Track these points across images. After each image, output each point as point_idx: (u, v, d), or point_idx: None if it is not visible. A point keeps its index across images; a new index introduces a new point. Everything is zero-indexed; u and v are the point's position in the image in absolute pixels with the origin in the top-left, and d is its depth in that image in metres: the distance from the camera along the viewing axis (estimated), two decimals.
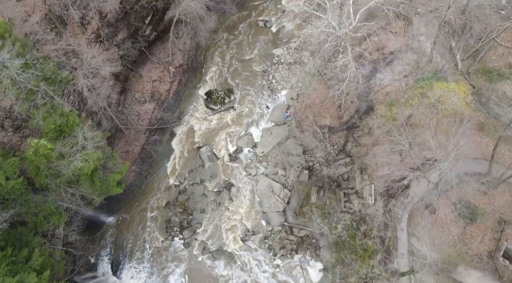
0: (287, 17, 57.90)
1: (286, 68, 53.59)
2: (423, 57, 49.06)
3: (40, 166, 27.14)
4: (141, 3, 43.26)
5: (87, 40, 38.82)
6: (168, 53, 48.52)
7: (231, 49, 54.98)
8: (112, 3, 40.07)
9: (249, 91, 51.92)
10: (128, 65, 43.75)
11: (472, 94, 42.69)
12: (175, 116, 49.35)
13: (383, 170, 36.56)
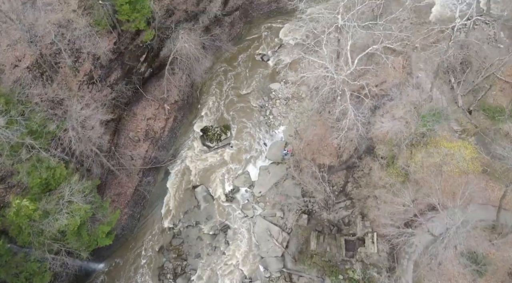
0: (284, 50, 57.58)
1: (283, 103, 52.70)
2: (422, 94, 48.32)
3: (23, 225, 25.60)
4: (135, 42, 42.59)
5: (79, 82, 37.86)
6: (163, 90, 47.63)
7: (227, 83, 54.21)
8: (106, 45, 39.35)
9: (246, 128, 50.80)
10: (122, 105, 42.68)
11: (474, 135, 41.65)
12: (170, 155, 48.03)
13: (385, 217, 35.06)
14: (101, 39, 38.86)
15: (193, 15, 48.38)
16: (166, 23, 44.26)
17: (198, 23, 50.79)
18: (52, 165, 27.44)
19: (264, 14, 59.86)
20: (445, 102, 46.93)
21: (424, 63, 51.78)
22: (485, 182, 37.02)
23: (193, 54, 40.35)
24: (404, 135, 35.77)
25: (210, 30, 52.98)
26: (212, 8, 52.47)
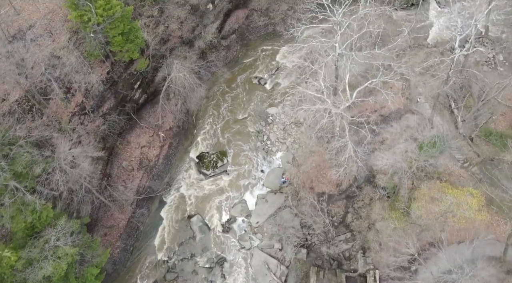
0: (282, 73, 56.86)
1: (281, 129, 51.67)
2: (423, 120, 47.43)
3: (5, 275, 24.19)
4: (129, 70, 41.70)
5: (70, 114, 36.79)
6: (158, 116, 46.61)
7: (224, 108, 53.26)
8: (98, 75, 38.44)
9: (243, 154, 49.65)
10: (115, 135, 41.54)
11: (477, 165, 40.57)
12: (164, 183, 46.73)
13: (387, 253, 33.71)
14: (94, 69, 37.96)
15: (188, 40, 47.69)
16: (161, 50, 43.45)
17: (193, 47, 50.08)
18: (38, 208, 26.17)
19: (261, 37, 59.34)
20: (446, 129, 45.94)
21: (423, 88, 50.99)
22: (490, 215, 35.79)
23: (187, 83, 39.43)
24: (404, 170, 34.63)
25: (206, 54, 52.34)
26: (208, 33, 51.84)
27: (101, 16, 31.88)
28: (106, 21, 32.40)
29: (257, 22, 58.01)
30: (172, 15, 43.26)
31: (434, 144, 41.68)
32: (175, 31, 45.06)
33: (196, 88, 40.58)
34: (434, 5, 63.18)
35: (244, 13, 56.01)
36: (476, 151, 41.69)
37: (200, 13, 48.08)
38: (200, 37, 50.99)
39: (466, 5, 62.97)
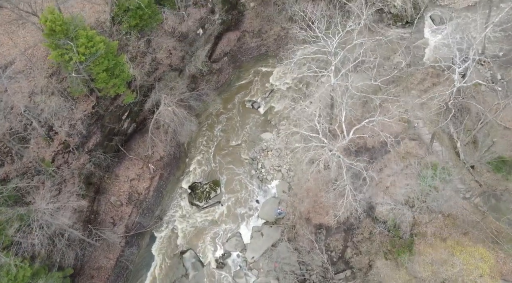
0: (276, 96, 55.33)
1: (276, 155, 49.98)
2: (422, 146, 46.02)
3: None
4: (116, 103, 39.89)
5: (53, 153, 34.87)
6: (148, 147, 44.74)
7: (216, 134, 51.54)
8: (83, 110, 36.61)
9: (237, 183, 47.87)
10: (101, 171, 39.60)
11: (480, 195, 39.12)
12: (155, 217, 44.77)
13: None
14: (78, 104, 36.16)
15: (178, 68, 46.01)
16: (149, 80, 41.73)
17: (184, 73, 48.44)
18: (13, 271, 24.20)
19: (254, 58, 57.85)
20: (446, 155, 44.56)
21: (421, 110, 49.61)
22: (495, 252, 34.21)
23: (176, 118, 37.69)
24: (405, 212, 33.08)
25: (197, 80, 50.70)
26: (199, 57, 50.29)
27: (83, 55, 30.17)
28: (89, 60, 30.69)
29: (250, 43, 56.56)
30: (160, 44, 41.64)
31: (434, 174, 40.20)
32: (164, 60, 43.40)
33: (186, 122, 38.83)
34: (429, 23, 62.11)
35: (236, 35, 54.54)
36: (478, 181, 40.25)
37: (190, 40, 46.50)
38: (190, 62, 49.38)
39: (461, 23, 62.17)
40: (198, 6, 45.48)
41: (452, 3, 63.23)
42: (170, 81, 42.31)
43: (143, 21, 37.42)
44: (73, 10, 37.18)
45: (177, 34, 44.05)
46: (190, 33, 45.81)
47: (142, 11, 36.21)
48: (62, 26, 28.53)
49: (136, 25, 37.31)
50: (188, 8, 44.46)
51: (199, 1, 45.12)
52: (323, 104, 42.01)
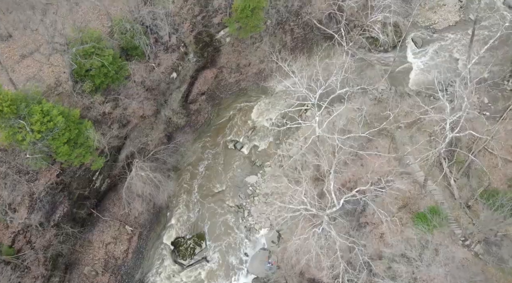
0: (259, 134, 52.57)
1: (262, 201, 47.14)
2: (414, 185, 43.88)
3: None
4: (85, 166, 36.34)
5: (13, 234, 31.12)
6: (124, 205, 41.21)
7: (198, 181, 48.37)
8: (47, 180, 33.00)
9: (223, 235, 44.81)
10: (70, 244, 35.94)
11: (479, 242, 37.09)
12: (136, 282, 41.21)
13: None
14: (40, 176, 32.58)
15: (152, 115, 42.70)
16: (122, 134, 38.36)
17: (159, 117, 45.19)
18: None
19: (234, 94, 55.03)
20: (440, 194, 42.48)
21: (411, 144, 47.58)
22: None
23: (150, 181, 34.47)
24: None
25: (173, 123, 47.47)
26: (174, 100, 47.23)
27: (39, 132, 26.80)
28: (46, 137, 27.31)
29: (228, 79, 53.74)
30: (131, 97, 38.40)
31: (429, 221, 38.04)
32: (136, 111, 40.13)
33: (161, 186, 35.64)
34: (411, 45, 60.54)
35: (213, 72, 51.64)
36: (476, 224, 38.18)
37: (163, 86, 43.38)
38: (165, 107, 46.20)
39: (444, 45, 60.89)
40: (170, 51, 42.42)
41: (432, 24, 61.89)
42: (143, 135, 39.05)
43: (109, 78, 34.19)
44: (29, 71, 33.68)
45: (149, 83, 40.89)
46: (163, 80, 42.70)
47: (106, 69, 32.99)
48: (11, 106, 25.18)
49: (101, 84, 34.06)
50: (158, 54, 41.36)
51: (170, 47, 42.05)
52: (310, 155, 39.51)
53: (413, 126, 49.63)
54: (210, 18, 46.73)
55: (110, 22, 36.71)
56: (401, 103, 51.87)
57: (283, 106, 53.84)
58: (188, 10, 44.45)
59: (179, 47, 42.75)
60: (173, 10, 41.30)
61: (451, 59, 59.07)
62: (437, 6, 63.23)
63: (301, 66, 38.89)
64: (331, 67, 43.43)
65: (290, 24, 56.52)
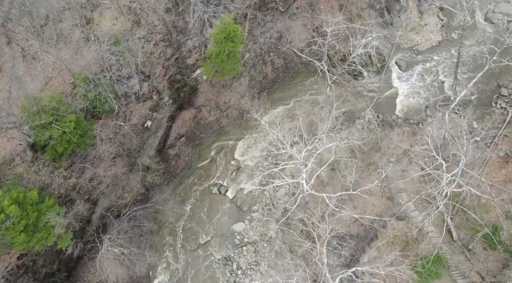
0: (244, 175, 49.65)
1: (252, 251, 44.20)
2: (409, 228, 41.61)
3: None
4: None
5: None
6: (99, 272, 37.57)
7: (182, 234, 45.18)
8: (6, 265, 29.28)
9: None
10: None
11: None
12: None
13: None
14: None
15: (125, 173, 39.38)
16: (91, 200, 34.96)
17: (136, 165, 41.87)
18: None
19: (215, 133, 52.08)
20: (438, 236, 40.25)
21: (403, 182, 45.39)
22: None
23: (124, 256, 31.19)
24: None
25: (151, 171, 44.12)
26: (152, 147, 44.00)
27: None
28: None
29: (208, 118, 50.76)
30: (101, 156, 35.06)
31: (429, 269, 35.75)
32: (108, 170, 36.75)
33: (138, 260, 32.37)
34: (395, 69, 58.68)
35: (191, 113, 48.62)
36: (478, 271, 36.03)
37: (138, 138, 40.14)
38: (141, 155, 42.94)
39: (429, 66, 59.29)
40: (142, 101, 39.29)
41: (415, 45, 60.23)
42: (116, 195, 35.70)
43: (73, 144, 30.87)
44: None
45: (120, 139, 37.59)
46: (136, 132, 39.48)
47: (68, 136, 29.64)
48: None
49: (65, 150, 30.71)
50: (130, 106, 38.17)
51: (142, 96, 38.92)
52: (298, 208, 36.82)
53: (404, 158, 47.58)
54: (184, 59, 43.81)
55: (73, 78, 33.40)
56: (390, 133, 50.06)
57: (266, 143, 51.28)
58: (160, 54, 41.43)
59: (152, 95, 39.67)
60: (143, 57, 38.21)
61: (437, 81, 57.45)
62: (418, 27, 61.67)
63: (282, 117, 36.18)
64: (316, 111, 41.08)
65: (270, 54, 54.07)
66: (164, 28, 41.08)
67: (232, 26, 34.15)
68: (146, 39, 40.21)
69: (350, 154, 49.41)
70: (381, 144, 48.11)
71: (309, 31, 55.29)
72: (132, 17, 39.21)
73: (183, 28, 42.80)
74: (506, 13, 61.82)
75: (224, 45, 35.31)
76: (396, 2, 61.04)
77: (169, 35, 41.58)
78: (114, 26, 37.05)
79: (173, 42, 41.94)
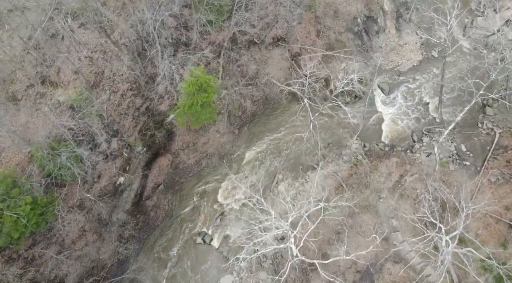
0: (228, 219, 46.78)
1: None
2: (409, 270, 39.56)
3: None
4: None
5: None
6: None
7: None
8: None
9: None
10: None
11: None
12: None
13: None
14: None
15: (96, 243, 35.93)
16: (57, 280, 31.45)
17: (109, 231, 38.47)
18: None
19: (195, 176, 49.08)
20: (438, 281, 38.27)
21: (396, 218, 43.42)
22: None
23: None
24: None
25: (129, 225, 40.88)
26: (127, 200, 40.78)
27: None
28: None
29: (186, 161, 47.82)
30: (67, 227, 31.65)
31: None
32: (76, 242, 33.32)
33: None
34: (378, 93, 56.93)
35: (168, 159, 45.57)
36: None
37: (109, 198, 36.85)
38: (115, 212, 39.64)
39: (412, 88, 57.71)
40: (112, 158, 36.07)
41: (396, 66, 58.66)
42: (86, 273, 32.24)
43: (31, 226, 27.49)
44: None
45: (88, 204, 34.21)
46: (107, 192, 36.18)
47: (25, 219, 26.30)
48: None
49: (22, 235, 27.31)
50: (97, 166, 34.87)
51: (111, 154, 35.70)
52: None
53: (396, 192, 45.62)
54: (156, 106, 40.78)
55: (29, 147, 30.04)
56: (378, 165, 48.05)
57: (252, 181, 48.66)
58: (129, 104, 38.34)
59: (122, 152, 36.49)
60: (110, 110, 35.06)
61: (421, 103, 55.94)
62: (398, 47, 60.28)
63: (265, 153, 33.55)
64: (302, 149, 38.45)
65: (249, 88, 51.55)
66: (132, 76, 38.01)
67: (204, 78, 31.47)
68: (112, 91, 37.05)
69: (338, 190, 47.38)
70: (370, 179, 46.01)
71: (287, 60, 53.15)
72: (95, 68, 36.00)
73: (152, 73, 39.84)
74: (484, 27, 61.15)
75: (196, 97, 32.56)
76: (374, 23, 59.50)
77: (137, 84, 38.53)
78: (75, 82, 33.82)
79: (143, 90, 38.92)
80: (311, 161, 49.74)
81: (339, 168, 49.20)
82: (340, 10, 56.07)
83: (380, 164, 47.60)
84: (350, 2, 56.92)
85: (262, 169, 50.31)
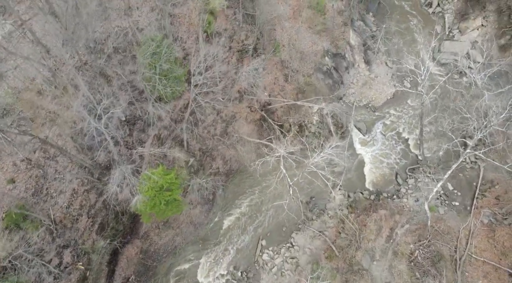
0: None
1: None
2: None
3: None
4: None
5: None
6: None
7: None
8: None
9: None
10: None
11: None
12: None
13: None
14: None
15: None
16: None
17: None
18: None
19: (170, 255, 44.12)
20: None
21: (393, 279, 40.28)
22: None
23: None
24: None
25: None
26: None
27: None
28: None
29: (158, 242, 42.86)
30: None
31: None
32: None
33: None
34: (356, 133, 54.00)
35: (137, 246, 40.55)
36: None
37: None
38: None
39: (389, 123, 55.15)
40: (66, 274, 30.67)
41: (370, 101, 56.08)
42: None
43: None
44: None
45: None
46: None
47: None
48: None
49: None
50: None
51: (64, 269, 30.31)
52: None
53: (388, 250, 42.51)
54: (115, 197, 35.62)
55: None
56: (366, 221, 44.83)
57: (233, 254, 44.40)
58: (81, 203, 33.12)
59: (77, 266, 31.21)
60: (59, 216, 29.82)
61: (401, 140, 53.48)
62: (370, 80, 57.87)
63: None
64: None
65: (218, 148, 47.28)
66: (82, 170, 32.88)
67: (166, 178, 27.02)
68: (59, 192, 31.78)
69: (327, 252, 43.84)
70: (360, 238, 42.72)
71: (256, 112, 49.38)
72: (35, 171, 30.65)
73: (105, 161, 34.82)
74: (452, 51, 59.80)
75: (159, 197, 28.02)
76: (342, 59, 56.83)
77: (89, 176, 33.40)
78: (12, 192, 28.45)
79: (96, 183, 33.78)
80: (295, 220, 46.00)
81: (325, 226, 45.69)
82: (305, 51, 52.98)
83: (368, 219, 44.46)
84: (315, 41, 53.99)
85: (243, 236, 46.08)
